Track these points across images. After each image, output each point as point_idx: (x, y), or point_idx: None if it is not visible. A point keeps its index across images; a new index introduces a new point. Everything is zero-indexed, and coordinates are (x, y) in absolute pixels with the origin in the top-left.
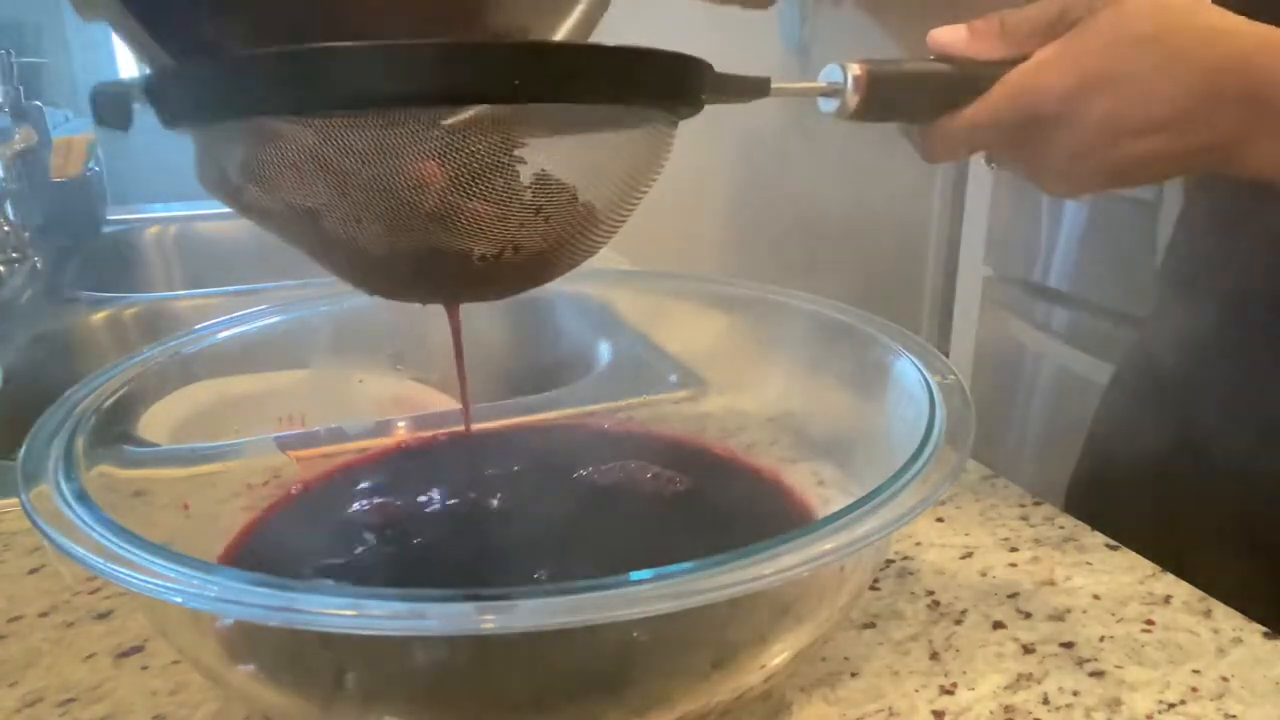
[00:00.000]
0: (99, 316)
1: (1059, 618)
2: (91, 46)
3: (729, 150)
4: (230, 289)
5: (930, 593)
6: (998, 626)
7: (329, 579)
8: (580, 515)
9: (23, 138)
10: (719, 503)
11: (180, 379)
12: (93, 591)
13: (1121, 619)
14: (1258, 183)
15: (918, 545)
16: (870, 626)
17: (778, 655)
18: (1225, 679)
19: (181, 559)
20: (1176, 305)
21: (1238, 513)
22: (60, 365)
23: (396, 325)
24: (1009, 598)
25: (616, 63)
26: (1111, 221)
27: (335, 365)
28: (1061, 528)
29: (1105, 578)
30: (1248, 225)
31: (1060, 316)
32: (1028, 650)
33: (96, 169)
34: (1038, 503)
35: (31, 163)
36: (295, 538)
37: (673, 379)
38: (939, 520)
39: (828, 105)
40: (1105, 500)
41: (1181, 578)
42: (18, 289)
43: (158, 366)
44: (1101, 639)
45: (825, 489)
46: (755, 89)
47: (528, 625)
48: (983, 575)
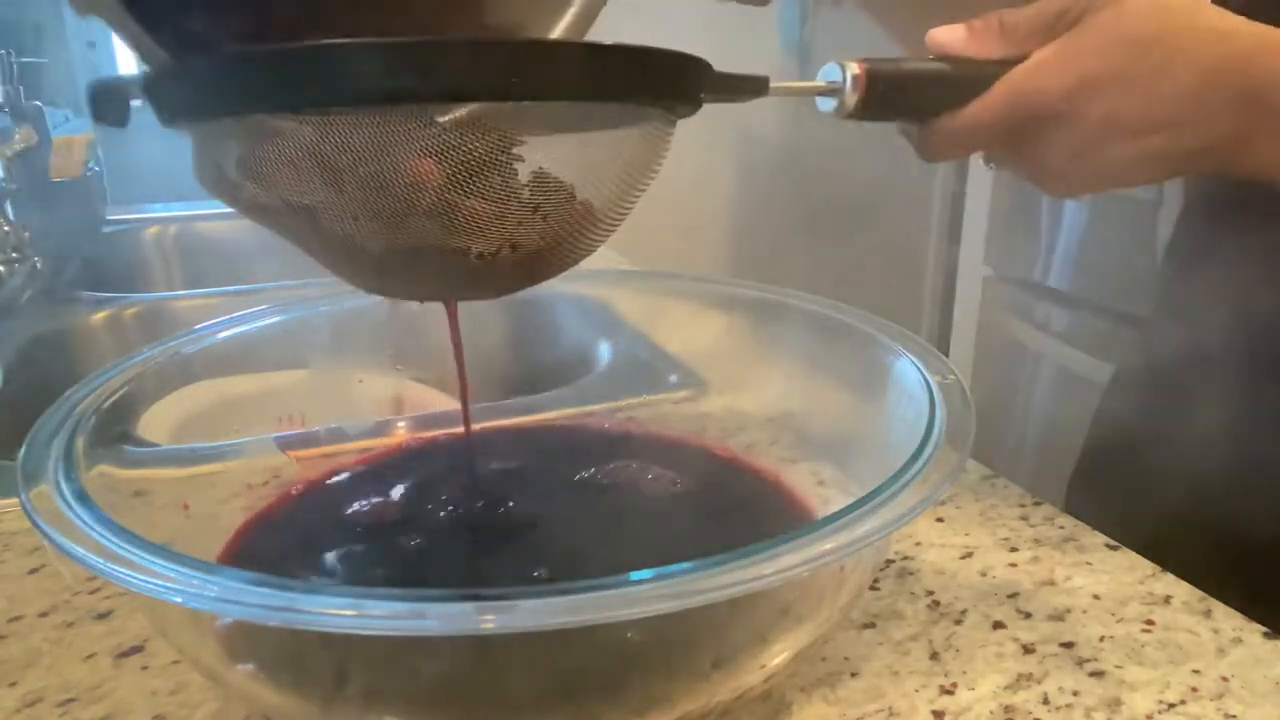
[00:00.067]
0: (99, 316)
1: (1059, 618)
2: (91, 46)
3: (729, 150)
4: (230, 289)
5: (930, 593)
6: (998, 626)
7: (329, 579)
8: (580, 515)
9: (23, 138)
10: (719, 503)
11: (180, 379)
12: (93, 591)
13: (1121, 619)
14: (1257, 183)
15: (918, 545)
16: (870, 626)
17: (778, 655)
18: (1225, 679)
19: (181, 559)
20: (1176, 305)
21: (1238, 513)
22: (60, 365)
23: (396, 325)
24: (1009, 598)
25: (614, 61)
26: (1111, 221)
27: (335, 365)
28: (1061, 528)
29: (1105, 578)
30: (1248, 225)
31: (1060, 316)
32: (1028, 650)
33: (96, 169)
34: (1038, 503)
35: (31, 163)
36: (295, 538)
37: (673, 379)
38: (939, 520)
39: (826, 104)
40: (1105, 500)
41: (1181, 578)
42: (18, 289)
43: (158, 366)
44: (1101, 639)
45: (825, 489)
46: (754, 88)
47: (528, 625)
48: (983, 575)
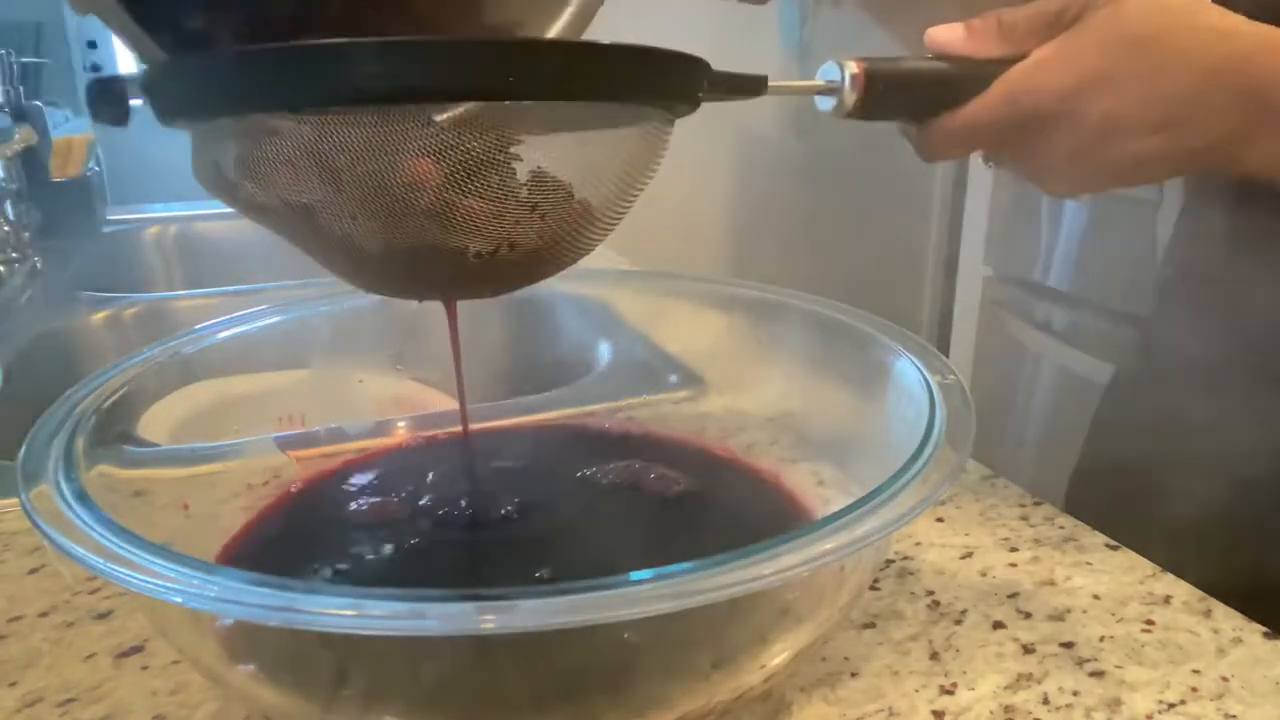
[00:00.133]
0: (99, 316)
1: (1059, 618)
2: (92, 46)
3: (728, 150)
4: (230, 289)
5: (930, 593)
6: (998, 626)
7: (329, 579)
8: (580, 515)
9: (23, 138)
10: (719, 503)
11: (180, 379)
12: (93, 591)
13: (1121, 619)
14: (1257, 182)
15: (918, 545)
16: (870, 626)
17: (778, 655)
18: (1225, 679)
19: (181, 559)
20: (1176, 305)
21: (1237, 513)
22: (60, 365)
23: (396, 325)
24: (1009, 598)
25: (613, 60)
26: (1111, 221)
27: (335, 365)
28: (1061, 528)
29: (1105, 578)
30: (1248, 224)
31: (1060, 316)
32: (1028, 650)
33: (96, 169)
34: (1038, 503)
35: (31, 163)
36: (295, 538)
37: (673, 379)
38: (939, 520)
39: (825, 104)
40: (1105, 500)
41: (1181, 577)
42: (18, 289)
43: (158, 366)
44: (1101, 639)
45: (825, 489)
46: (752, 87)
47: (528, 625)
48: (983, 575)
